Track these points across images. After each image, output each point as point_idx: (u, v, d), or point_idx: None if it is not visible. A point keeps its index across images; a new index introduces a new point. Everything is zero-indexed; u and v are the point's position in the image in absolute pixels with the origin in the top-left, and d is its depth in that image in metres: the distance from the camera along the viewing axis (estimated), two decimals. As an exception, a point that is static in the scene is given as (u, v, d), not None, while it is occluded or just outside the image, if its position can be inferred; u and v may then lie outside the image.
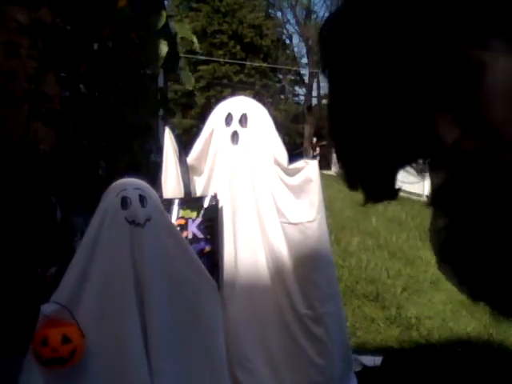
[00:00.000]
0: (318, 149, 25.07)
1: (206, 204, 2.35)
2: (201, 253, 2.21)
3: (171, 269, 1.94)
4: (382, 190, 0.62)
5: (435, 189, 0.63)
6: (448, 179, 0.60)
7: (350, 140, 0.58)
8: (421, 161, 0.61)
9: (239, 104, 2.51)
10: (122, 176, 2.00)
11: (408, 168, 0.66)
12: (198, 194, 2.49)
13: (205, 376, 1.99)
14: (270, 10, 29.48)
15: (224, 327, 2.11)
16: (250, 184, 2.45)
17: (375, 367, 2.96)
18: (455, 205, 0.59)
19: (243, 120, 2.45)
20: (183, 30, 3.88)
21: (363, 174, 0.61)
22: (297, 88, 31.38)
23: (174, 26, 3.90)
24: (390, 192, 0.62)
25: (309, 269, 2.45)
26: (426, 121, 0.53)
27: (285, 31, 30.40)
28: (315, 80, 28.36)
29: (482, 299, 0.61)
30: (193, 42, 4.17)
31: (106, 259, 1.85)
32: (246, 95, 3.20)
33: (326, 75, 0.59)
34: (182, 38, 3.96)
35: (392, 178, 0.61)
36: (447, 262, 0.63)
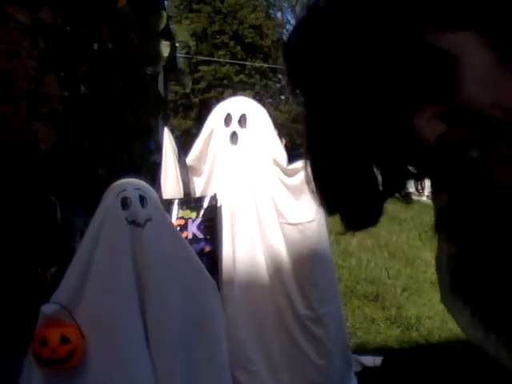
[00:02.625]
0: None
1: (205, 204, 2.35)
2: (201, 253, 2.22)
3: (172, 269, 1.94)
4: (366, 220, 0.60)
5: (438, 212, 0.60)
6: (450, 197, 0.58)
7: (334, 168, 0.55)
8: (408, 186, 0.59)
9: (238, 104, 2.51)
10: (121, 176, 2.00)
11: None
12: (198, 194, 2.49)
13: (207, 376, 1.99)
14: (270, 11, 29.49)
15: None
16: (249, 184, 2.45)
17: (375, 367, 2.96)
18: (459, 222, 0.56)
19: (242, 120, 2.45)
20: (181, 31, 3.88)
21: (349, 204, 0.58)
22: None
23: (173, 27, 3.90)
24: (374, 220, 0.60)
25: (308, 269, 2.45)
26: (404, 123, 0.50)
27: (285, 31, 30.42)
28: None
29: (495, 329, 0.59)
30: (189, 46, 4.17)
31: (106, 260, 1.85)
32: (246, 96, 3.20)
33: (297, 94, 0.57)
34: (180, 40, 3.95)
35: (380, 208, 0.59)
36: (459, 291, 0.60)
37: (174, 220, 2.30)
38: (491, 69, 0.50)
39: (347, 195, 0.57)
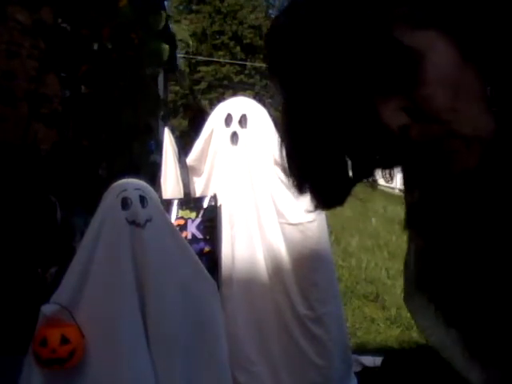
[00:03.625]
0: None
1: (205, 204, 2.35)
2: (200, 253, 2.22)
3: (172, 269, 1.94)
4: (336, 199, 0.63)
5: (409, 209, 0.64)
6: (420, 192, 0.61)
7: (309, 152, 0.58)
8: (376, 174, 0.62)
9: (239, 105, 2.52)
10: (121, 176, 2.00)
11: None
12: (198, 194, 2.49)
13: (207, 376, 1.99)
14: (270, 11, 29.51)
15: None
16: (250, 184, 2.45)
17: (375, 367, 2.96)
18: (428, 217, 0.60)
19: (243, 121, 2.45)
20: (180, 31, 3.89)
21: (320, 186, 0.61)
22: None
23: (173, 26, 3.91)
24: (342, 199, 0.63)
25: (309, 269, 2.45)
26: (372, 113, 0.53)
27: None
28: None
29: (455, 325, 0.61)
30: (188, 45, 4.18)
31: (106, 260, 1.85)
32: (246, 96, 3.20)
33: (275, 82, 0.60)
34: (180, 39, 3.96)
35: (349, 190, 0.62)
36: (424, 287, 0.63)
37: (173, 220, 2.30)
38: (454, 68, 0.52)
39: (317, 177, 0.60)
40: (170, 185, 2.45)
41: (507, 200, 0.55)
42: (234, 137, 2.46)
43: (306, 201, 0.63)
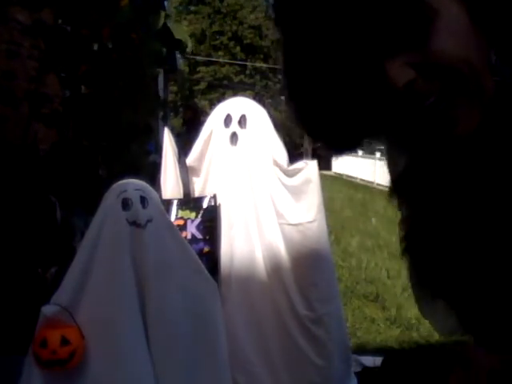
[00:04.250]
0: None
1: (205, 204, 2.35)
2: (200, 253, 2.22)
3: (172, 269, 1.94)
4: (346, 146, 0.64)
5: (397, 175, 0.64)
6: (409, 157, 0.61)
7: (313, 103, 0.58)
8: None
9: (238, 105, 2.52)
10: (122, 177, 2.00)
11: None
12: (197, 194, 2.49)
13: (207, 376, 1.99)
14: (270, 11, 29.51)
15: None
16: (249, 185, 2.45)
17: (375, 367, 2.96)
18: (417, 182, 0.60)
19: (242, 121, 2.45)
20: (180, 31, 3.89)
21: (328, 134, 0.61)
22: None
23: (172, 27, 3.92)
24: (353, 146, 0.64)
25: (308, 269, 2.45)
26: (378, 68, 0.53)
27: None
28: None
29: (439, 296, 0.61)
30: (186, 46, 4.19)
31: (106, 260, 1.85)
32: (246, 96, 3.21)
33: (280, 32, 0.60)
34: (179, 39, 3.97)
35: (358, 140, 0.63)
36: (408, 252, 0.63)
37: (173, 220, 2.30)
38: (465, 28, 0.54)
39: (321, 126, 0.61)
40: (170, 185, 2.44)
41: (502, 168, 0.56)
42: (234, 137, 2.46)
43: (306, 201, 0.63)
